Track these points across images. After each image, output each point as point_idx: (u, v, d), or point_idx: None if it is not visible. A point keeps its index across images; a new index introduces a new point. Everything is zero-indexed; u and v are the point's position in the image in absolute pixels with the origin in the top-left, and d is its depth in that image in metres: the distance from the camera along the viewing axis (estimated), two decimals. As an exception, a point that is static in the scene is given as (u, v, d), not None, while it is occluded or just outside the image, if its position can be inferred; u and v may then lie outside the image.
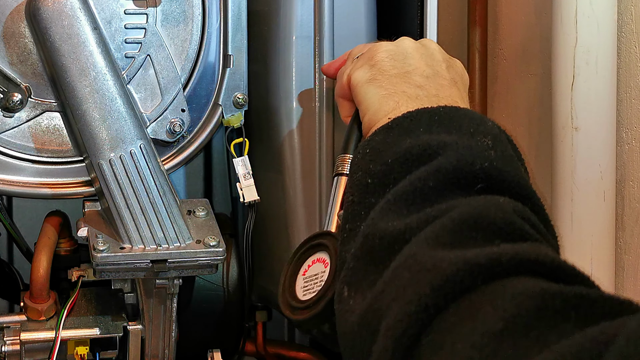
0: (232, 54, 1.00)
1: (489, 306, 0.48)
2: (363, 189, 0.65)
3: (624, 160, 0.99)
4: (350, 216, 0.66)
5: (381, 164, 0.65)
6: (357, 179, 0.67)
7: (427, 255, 0.54)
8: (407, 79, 0.77)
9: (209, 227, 0.97)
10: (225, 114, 1.01)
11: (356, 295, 0.59)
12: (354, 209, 0.65)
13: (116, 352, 1.04)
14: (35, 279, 1.00)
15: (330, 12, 1.01)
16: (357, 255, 0.61)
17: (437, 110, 0.69)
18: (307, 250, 0.76)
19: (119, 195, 0.92)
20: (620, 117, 0.99)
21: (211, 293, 1.12)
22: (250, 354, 1.26)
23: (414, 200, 0.61)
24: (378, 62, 0.79)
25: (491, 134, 0.67)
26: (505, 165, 0.63)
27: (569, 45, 0.96)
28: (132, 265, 0.92)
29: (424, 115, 0.69)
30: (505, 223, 0.56)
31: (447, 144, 0.64)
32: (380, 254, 0.59)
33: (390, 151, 0.66)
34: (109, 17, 0.95)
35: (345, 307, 0.59)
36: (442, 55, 0.82)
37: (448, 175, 0.61)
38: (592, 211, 0.98)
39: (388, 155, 0.66)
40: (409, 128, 0.68)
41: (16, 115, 0.95)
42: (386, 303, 0.54)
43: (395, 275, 0.55)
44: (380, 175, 0.65)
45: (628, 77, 0.98)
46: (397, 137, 0.67)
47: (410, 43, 0.82)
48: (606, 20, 0.95)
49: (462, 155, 0.62)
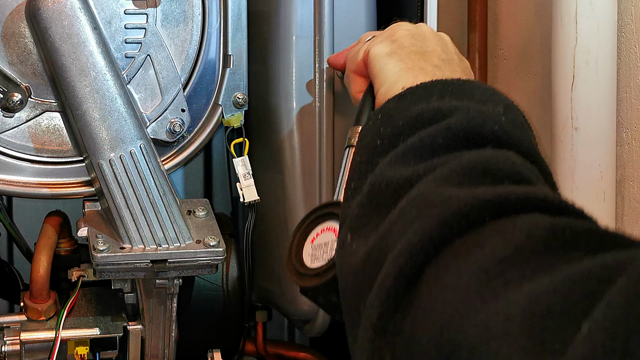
0: (232, 54, 1.00)
1: (498, 237, 0.48)
2: (371, 150, 0.66)
3: (623, 160, 0.99)
4: (356, 175, 0.66)
5: (391, 127, 0.66)
6: (366, 142, 0.67)
7: (435, 193, 0.54)
8: (426, 58, 0.79)
9: (209, 227, 0.97)
10: (225, 114, 1.01)
11: (359, 240, 0.59)
12: (360, 168, 0.66)
13: (116, 352, 1.04)
14: (35, 279, 1.00)
15: (330, 12, 1.01)
16: (363, 203, 0.61)
17: (451, 81, 0.71)
18: (315, 218, 0.75)
19: (119, 195, 0.92)
20: (620, 117, 0.99)
21: (211, 293, 1.12)
22: (250, 354, 1.26)
23: (422, 153, 0.61)
24: (399, 38, 0.81)
25: (503, 103, 0.68)
26: (514, 130, 0.64)
27: (569, 45, 0.96)
28: (132, 265, 0.92)
29: (438, 84, 0.70)
30: (513, 171, 0.57)
31: (458, 107, 0.65)
32: (385, 200, 0.59)
33: (401, 115, 0.66)
34: (109, 17, 0.95)
35: (348, 252, 0.59)
36: (455, 48, 0.84)
37: (457, 134, 0.62)
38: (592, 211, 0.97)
39: (399, 119, 0.66)
40: (422, 96, 0.68)
41: (16, 115, 0.95)
42: (393, 240, 0.53)
43: (403, 214, 0.55)
44: (389, 136, 0.65)
45: (628, 77, 0.98)
46: (409, 103, 0.68)
47: (428, 28, 0.85)
48: (606, 20, 0.95)
49: (473, 117, 0.63)
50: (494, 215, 0.51)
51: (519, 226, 0.48)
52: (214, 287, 1.12)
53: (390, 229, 0.55)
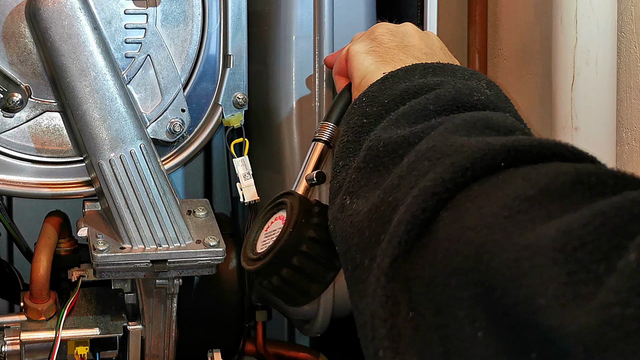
0: (232, 54, 1.00)
1: (520, 180, 0.47)
2: (358, 129, 0.65)
3: (624, 160, 0.99)
4: (344, 154, 0.65)
5: (377, 105, 0.65)
6: (353, 122, 0.67)
7: (446, 144, 0.53)
8: (406, 52, 0.78)
9: (209, 227, 0.97)
10: (225, 114, 1.01)
11: (359, 200, 0.58)
12: (347, 147, 0.65)
13: (116, 352, 1.04)
14: (35, 279, 1.00)
15: (330, 12, 1.01)
16: (360, 167, 0.60)
17: (432, 64, 0.71)
18: (272, 208, 0.78)
19: (119, 195, 0.92)
20: (620, 117, 0.99)
21: (211, 293, 1.12)
22: (250, 354, 1.26)
23: (416, 118, 0.61)
24: (377, 36, 0.81)
25: (485, 80, 0.68)
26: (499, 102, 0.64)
27: (569, 45, 0.96)
28: (132, 265, 0.92)
29: (419, 66, 0.70)
30: (514, 125, 0.56)
31: (443, 82, 0.65)
32: (383, 160, 0.58)
33: (385, 95, 0.66)
34: (109, 17, 0.95)
35: (348, 213, 0.59)
36: (441, 45, 0.84)
37: (447, 101, 0.61)
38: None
39: (384, 98, 0.66)
40: (404, 77, 0.68)
41: (16, 115, 0.95)
42: (404, 193, 0.52)
43: (413, 168, 0.53)
44: (375, 115, 0.65)
45: (628, 77, 0.98)
46: (392, 84, 0.68)
47: (411, 26, 0.84)
48: (606, 20, 0.95)
49: (460, 88, 0.63)
50: (512, 161, 0.49)
51: (542, 172, 0.47)
52: (214, 287, 1.12)
53: (399, 183, 0.54)
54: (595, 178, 0.45)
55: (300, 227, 0.72)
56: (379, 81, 0.69)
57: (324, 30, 1.01)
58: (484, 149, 0.50)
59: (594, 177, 0.45)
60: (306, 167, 0.82)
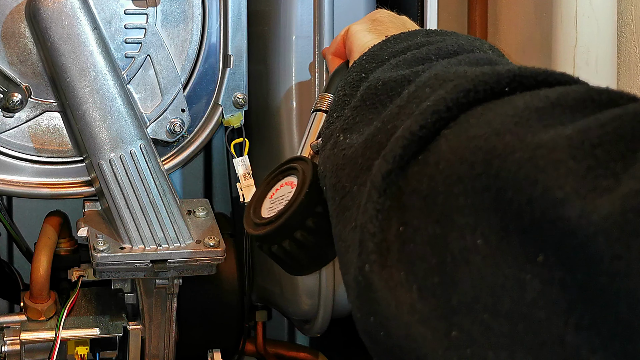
0: (232, 54, 1.00)
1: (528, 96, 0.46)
2: (356, 83, 0.64)
3: (624, 160, 0.99)
4: (339, 106, 0.64)
5: (377, 62, 0.64)
6: (351, 78, 0.65)
7: (448, 72, 0.51)
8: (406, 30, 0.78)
9: (209, 227, 0.97)
10: (225, 114, 1.01)
11: (354, 135, 0.56)
12: (344, 100, 0.64)
13: (116, 352, 1.04)
14: (35, 279, 1.00)
15: (330, 12, 1.01)
16: (356, 106, 0.59)
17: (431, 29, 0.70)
18: (277, 175, 0.75)
19: (119, 195, 0.92)
20: (620, 117, 0.99)
21: (211, 293, 1.12)
22: (250, 354, 1.26)
23: (417, 62, 0.60)
24: (378, 17, 0.81)
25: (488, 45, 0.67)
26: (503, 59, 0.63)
27: (569, 45, 0.96)
28: (132, 265, 0.92)
29: (422, 31, 0.70)
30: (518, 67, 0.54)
31: (446, 39, 0.64)
32: (381, 98, 0.57)
33: (386, 52, 0.65)
34: (109, 17, 0.95)
35: (341, 148, 0.57)
36: None
37: (449, 52, 0.60)
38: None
39: (385, 55, 0.65)
40: (406, 38, 0.67)
41: (16, 115, 0.95)
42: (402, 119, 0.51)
43: (414, 97, 0.52)
44: (376, 69, 0.64)
45: (628, 77, 0.98)
46: (394, 44, 0.67)
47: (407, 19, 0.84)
48: (606, 20, 0.95)
49: (462, 43, 0.62)
50: (516, 86, 0.48)
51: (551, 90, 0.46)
52: (214, 287, 1.12)
53: (398, 112, 0.52)
54: (606, 96, 0.44)
55: (315, 188, 0.68)
56: (381, 43, 0.68)
57: (324, 30, 1.01)
58: (488, 73, 0.49)
59: (605, 95, 0.44)
60: (309, 136, 0.80)
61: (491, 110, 0.46)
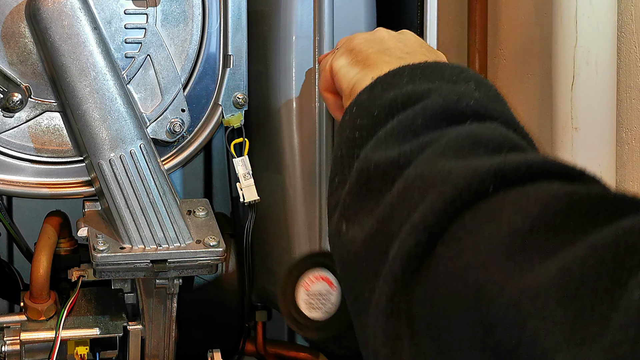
0: (232, 54, 1.00)
1: (511, 209, 0.47)
2: (350, 143, 0.65)
3: (624, 160, 0.99)
4: (339, 169, 0.65)
5: (367, 117, 0.65)
6: (345, 136, 0.66)
7: (433, 171, 0.53)
8: (388, 54, 0.78)
9: (209, 227, 0.97)
10: (225, 114, 1.01)
11: (354, 227, 0.58)
12: (342, 162, 0.65)
13: (116, 352, 1.04)
14: (35, 279, 1.00)
15: (330, 12, 1.01)
16: (353, 191, 0.60)
17: (419, 64, 0.70)
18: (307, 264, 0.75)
19: (119, 195, 0.92)
20: (620, 117, 0.99)
21: (211, 293, 1.12)
22: (250, 354, 1.26)
23: (405, 135, 0.60)
24: (355, 46, 0.81)
25: (474, 79, 0.67)
26: (491, 102, 0.63)
27: (569, 45, 0.96)
28: (132, 265, 0.92)
29: (406, 69, 0.70)
30: (503, 138, 0.56)
31: (431, 89, 0.64)
32: (376, 184, 0.58)
33: (375, 104, 0.66)
34: (109, 17, 0.95)
35: (344, 240, 0.59)
36: (420, 41, 0.84)
37: (435, 113, 0.61)
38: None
39: (373, 108, 0.66)
40: (392, 82, 0.68)
41: (16, 115, 0.95)
42: (397, 224, 0.52)
43: (404, 198, 0.53)
44: (367, 127, 0.65)
45: (628, 77, 0.98)
46: (381, 92, 0.67)
47: (385, 31, 0.85)
48: (606, 20, 0.95)
49: (447, 95, 0.62)
50: (500, 185, 0.49)
51: (532, 197, 0.47)
52: (214, 287, 1.12)
53: (392, 214, 0.53)
54: (587, 204, 0.45)
55: None
56: (368, 88, 0.69)
57: (324, 30, 1.01)
58: (470, 175, 0.50)
59: (586, 204, 0.45)
60: None
61: (478, 224, 0.47)
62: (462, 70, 0.69)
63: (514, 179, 0.49)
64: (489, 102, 0.64)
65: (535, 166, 0.50)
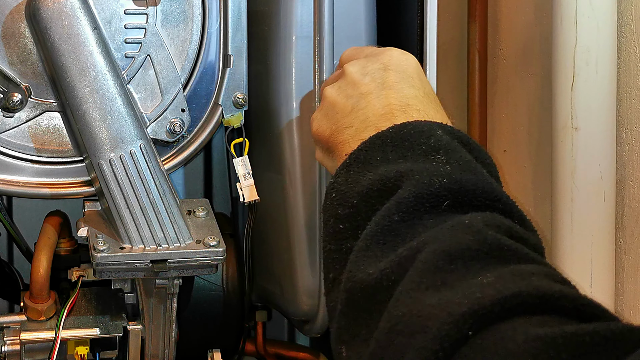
0: (232, 54, 1.00)
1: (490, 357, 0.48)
2: (337, 236, 0.67)
3: (624, 161, 0.99)
4: (331, 265, 0.67)
5: (348, 207, 0.67)
6: (331, 226, 0.69)
7: (414, 313, 0.54)
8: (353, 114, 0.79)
9: (209, 227, 0.97)
10: (225, 114, 1.01)
11: (351, 353, 0.59)
12: (333, 257, 0.67)
13: (116, 352, 1.04)
14: (35, 279, 1.00)
15: (330, 12, 1.01)
16: (345, 312, 0.62)
17: (387, 134, 0.70)
18: None
19: (119, 195, 0.92)
20: (620, 117, 0.99)
21: (211, 293, 1.12)
22: (250, 354, 1.26)
23: (385, 239, 0.61)
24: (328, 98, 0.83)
25: (442, 146, 0.67)
26: (464, 174, 0.63)
27: (569, 45, 0.96)
28: (132, 265, 0.92)
29: (376, 142, 0.70)
30: (480, 243, 0.56)
31: (402, 173, 0.64)
32: (365, 306, 0.59)
33: (353, 191, 0.67)
34: (109, 17, 0.95)
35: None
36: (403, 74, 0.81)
37: (410, 205, 0.62)
38: (592, 211, 0.98)
39: (352, 195, 0.67)
40: (365, 160, 0.69)
41: (16, 115, 0.95)
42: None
43: (390, 341, 0.54)
44: (349, 218, 0.66)
45: (628, 77, 0.98)
46: (356, 174, 0.68)
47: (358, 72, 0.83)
48: (606, 20, 0.95)
49: (419, 180, 0.63)
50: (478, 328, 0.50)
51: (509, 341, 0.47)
52: (214, 287, 1.12)
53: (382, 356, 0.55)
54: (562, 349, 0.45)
55: None
56: (345, 169, 0.71)
57: (324, 30, 1.01)
58: (447, 322, 0.50)
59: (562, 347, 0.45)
60: None
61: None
62: (430, 134, 0.68)
63: (489, 320, 0.50)
64: (462, 174, 0.63)
65: (508, 306, 0.50)
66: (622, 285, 1.01)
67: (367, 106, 0.78)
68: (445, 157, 0.66)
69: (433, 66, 1.02)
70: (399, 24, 1.09)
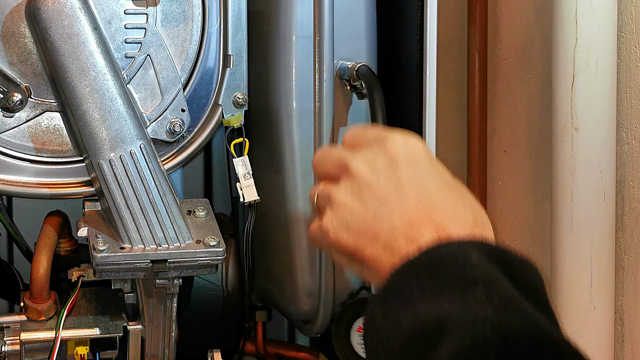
0: (232, 54, 1.00)
1: None
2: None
3: (624, 160, 0.99)
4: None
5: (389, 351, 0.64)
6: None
7: None
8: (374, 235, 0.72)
9: (209, 227, 0.97)
10: (225, 114, 1.01)
11: None
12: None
13: (116, 352, 1.04)
14: (35, 279, 1.00)
15: (330, 12, 1.01)
16: None
17: (419, 262, 0.65)
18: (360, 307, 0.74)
19: (119, 195, 0.92)
20: (620, 117, 0.99)
21: (211, 293, 1.12)
22: (250, 354, 1.26)
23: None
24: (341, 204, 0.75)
25: (480, 277, 0.61)
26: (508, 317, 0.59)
27: (569, 45, 0.96)
28: (132, 265, 0.92)
29: (408, 271, 0.65)
30: None
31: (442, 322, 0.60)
32: None
33: (393, 335, 0.64)
34: (109, 17, 0.95)
35: None
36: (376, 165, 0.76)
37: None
38: (592, 211, 0.98)
39: (393, 339, 0.63)
40: (400, 294, 0.64)
41: (16, 115, 0.95)
42: None
43: None
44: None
45: (628, 77, 0.98)
46: (395, 311, 0.65)
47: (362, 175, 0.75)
48: (606, 20, 0.95)
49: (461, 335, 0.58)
50: None
51: None
52: (214, 287, 1.12)
53: None
54: None
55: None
56: (380, 303, 0.65)
57: (324, 31, 1.01)
58: None
59: None
60: None
61: None
62: (466, 261, 0.63)
63: None
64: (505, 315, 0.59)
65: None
66: (622, 285, 1.01)
67: (391, 212, 0.72)
68: (485, 292, 0.63)
69: (433, 66, 1.02)
70: (399, 24, 1.09)
